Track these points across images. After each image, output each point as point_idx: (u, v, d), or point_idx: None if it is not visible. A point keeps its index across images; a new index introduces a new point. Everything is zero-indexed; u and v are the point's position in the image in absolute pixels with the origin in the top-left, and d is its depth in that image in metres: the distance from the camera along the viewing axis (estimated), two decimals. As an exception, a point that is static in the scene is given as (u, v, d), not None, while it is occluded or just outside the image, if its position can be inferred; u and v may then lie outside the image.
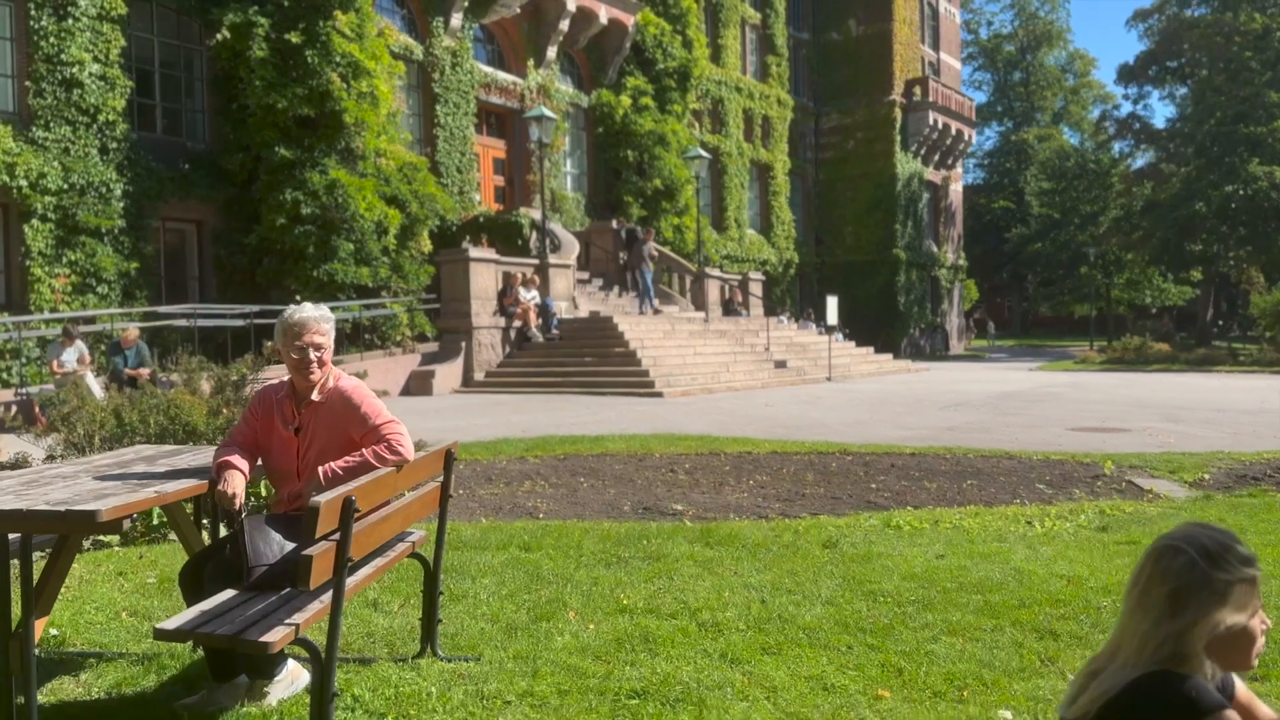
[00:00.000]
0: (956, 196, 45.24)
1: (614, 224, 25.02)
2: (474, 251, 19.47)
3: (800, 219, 38.67)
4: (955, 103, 41.27)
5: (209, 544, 3.64)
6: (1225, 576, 1.67)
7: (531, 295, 20.10)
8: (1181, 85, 48.35)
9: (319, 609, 2.92)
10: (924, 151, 40.13)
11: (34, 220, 15.40)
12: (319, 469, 3.27)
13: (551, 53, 26.12)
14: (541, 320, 20.01)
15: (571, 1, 25.37)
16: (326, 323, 3.43)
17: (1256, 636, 1.71)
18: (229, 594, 3.03)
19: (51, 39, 15.66)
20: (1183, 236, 40.76)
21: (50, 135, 15.66)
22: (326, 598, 2.94)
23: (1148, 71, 47.54)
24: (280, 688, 3.27)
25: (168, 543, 5.57)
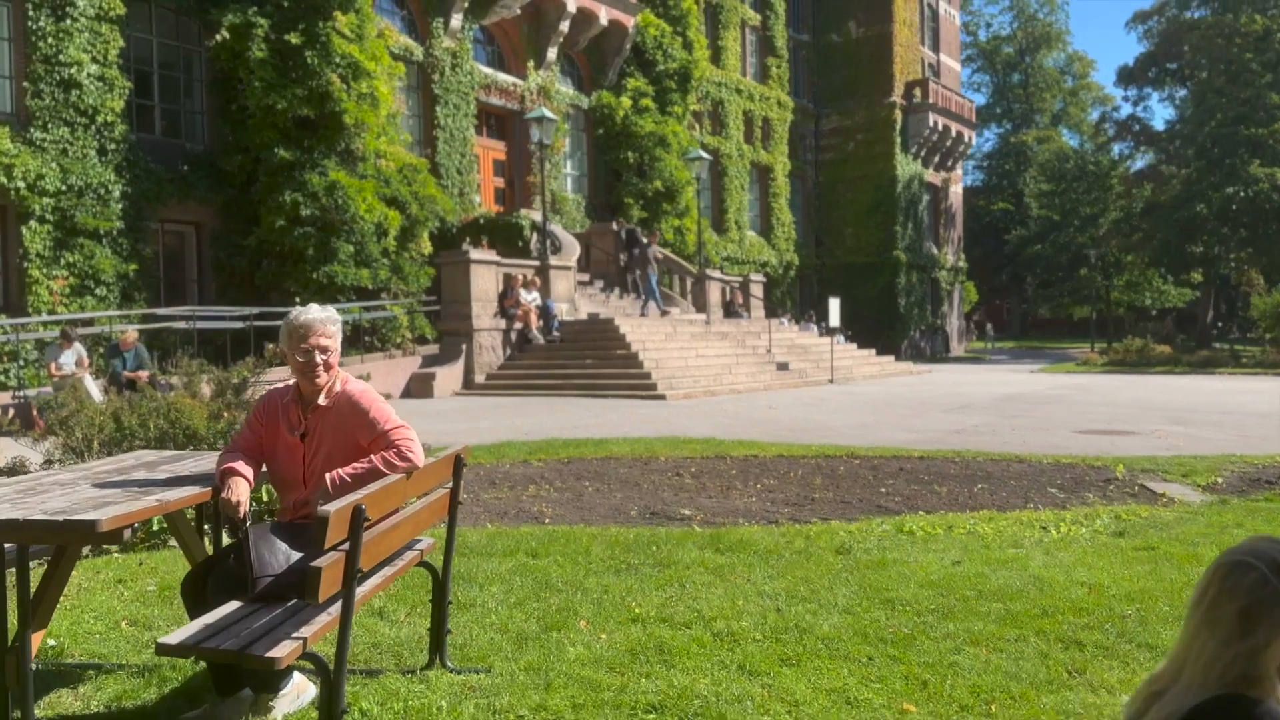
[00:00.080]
0: (956, 198, 45.18)
1: (614, 225, 24.91)
2: (474, 253, 19.37)
3: (800, 221, 38.58)
4: (955, 104, 41.22)
5: (212, 553, 3.55)
6: (1298, 593, 1.58)
7: (532, 297, 20.00)
8: (1181, 87, 48.34)
9: (327, 621, 2.82)
10: (924, 153, 40.07)
11: (32, 222, 15.29)
12: (326, 476, 3.16)
13: (552, 54, 26.04)
14: (542, 322, 19.91)
15: (572, 3, 25.29)
16: (333, 324, 3.32)
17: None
18: (233, 606, 2.93)
19: (50, 39, 15.55)
20: (1183, 238, 40.72)
21: (48, 136, 15.56)
22: (335, 610, 2.84)
23: (1147, 73, 47.54)
24: (286, 702, 3.17)
25: (168, 549, 5.47)
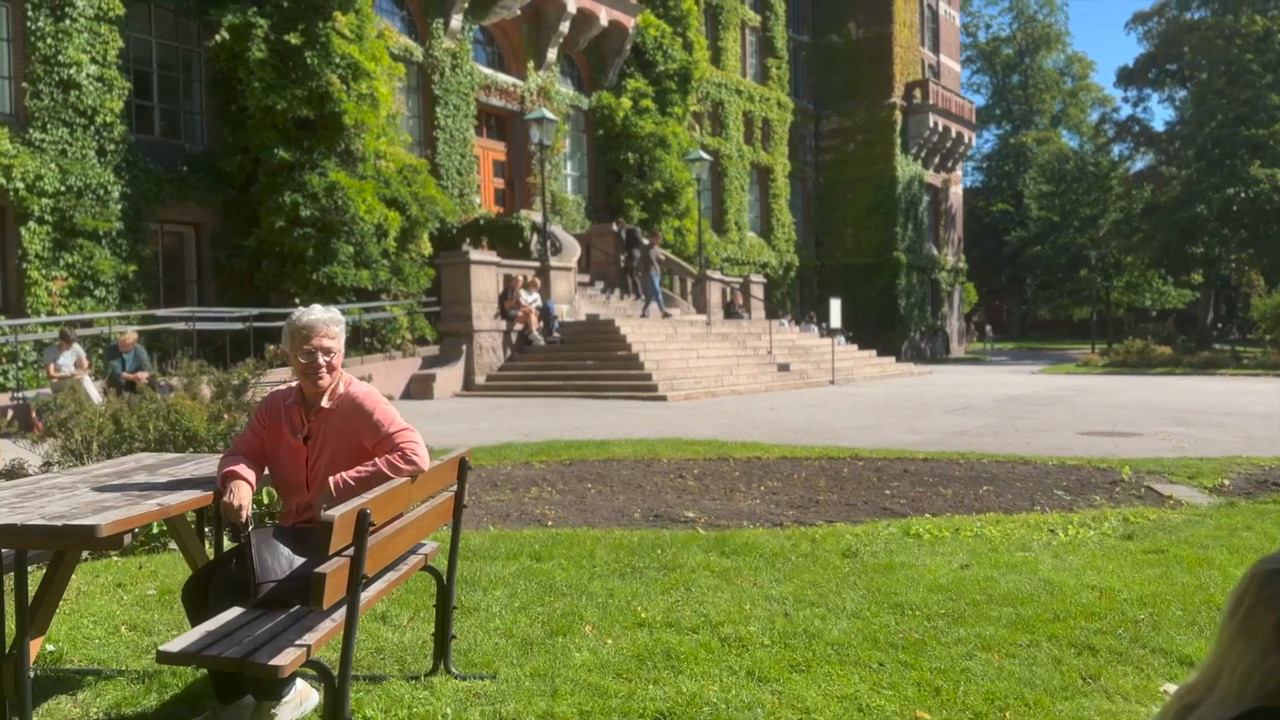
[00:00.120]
0: (956, 199, 45.15)
1: (614, 226, 24.87)
2: (474, 254, 19.32)
3: (800, 222, 38.54)
4: (955, 105, 41.19)
5: (213, 558, 3.50)
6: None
7: (533, 298, 19.95)
8: (1181, 88, 48.29)
9: (331, 628, 2.77)
10: (924, 154, 40.03)
11: (31, 223, 15.24)
12: (329, 479, 3.11)
13: (552, 55, 26.00)
14: (543, 323, 19.87)
15: (572, 3, 25.25)
16: (337, 325, 3.26)
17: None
18: (235, 612, 2.88)
19: (49, 40, 15.50)
20: (1183, 239, 40.67)
21: (47, 137, 15.50)
22: (338, 616, 2.79)
23: (1147, 74, 47.48)
24: (288, 709, 3.12)
25: (168, 552, 5.42)
